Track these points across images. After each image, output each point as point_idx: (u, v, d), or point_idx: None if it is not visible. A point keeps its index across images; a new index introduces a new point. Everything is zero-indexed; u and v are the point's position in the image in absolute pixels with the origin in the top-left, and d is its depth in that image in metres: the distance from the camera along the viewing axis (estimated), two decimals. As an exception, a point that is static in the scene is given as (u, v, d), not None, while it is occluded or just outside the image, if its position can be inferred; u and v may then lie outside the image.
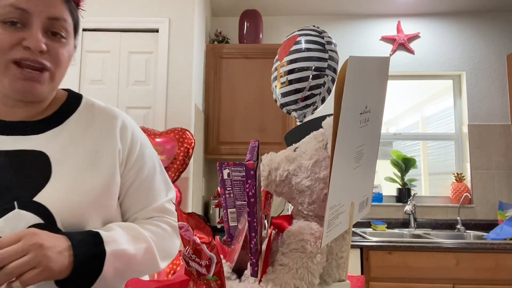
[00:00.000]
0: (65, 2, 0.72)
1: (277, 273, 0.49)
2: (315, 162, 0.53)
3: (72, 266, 0.63)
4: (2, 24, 0.66)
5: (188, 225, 0.46)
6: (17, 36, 0.66)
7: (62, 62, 0.72)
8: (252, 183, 0.46)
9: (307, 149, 0.55)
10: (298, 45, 1.15)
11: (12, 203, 0.66)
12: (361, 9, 3.12)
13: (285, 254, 0.50)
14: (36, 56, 0.67)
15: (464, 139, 3.08)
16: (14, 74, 0.68)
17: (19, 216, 0.66)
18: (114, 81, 2.49)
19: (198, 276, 0.46)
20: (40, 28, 0.68)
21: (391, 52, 3.15)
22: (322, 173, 0.52)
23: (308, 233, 0.51)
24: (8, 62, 0.67)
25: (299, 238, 0.50)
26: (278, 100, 1.16)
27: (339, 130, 0.43)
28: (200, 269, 0.45)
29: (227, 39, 3.03)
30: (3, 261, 0.56)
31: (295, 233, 0.51)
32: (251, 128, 2.75)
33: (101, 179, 0.74)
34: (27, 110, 0.74)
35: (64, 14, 0.71)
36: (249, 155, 0.48)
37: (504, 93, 3.06)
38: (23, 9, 0.66)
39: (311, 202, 0.54)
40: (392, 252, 2.22)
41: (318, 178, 0.53)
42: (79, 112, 0.79)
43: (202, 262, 0.45)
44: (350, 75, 0.42)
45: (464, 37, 3.14)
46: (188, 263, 0.47)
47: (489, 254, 2.19)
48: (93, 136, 0.77)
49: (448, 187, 3.03)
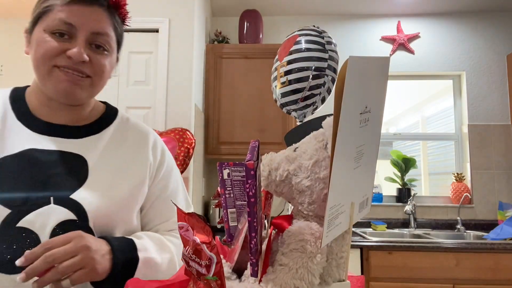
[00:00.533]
0: (109, 18, 0.78)
1: (277, 273, 0.49)
2: (315, 162, 0.53)
3: (110, 269, 0.68)
4: (51, 34, 0.73)
5: (188, 225, 0.46)
6: (63, 46, 0.73)
7: (103, 72, 0.78)
8: (252, 183, 0.46)
9: (307, 149, 0.55)
10: (298, 45, 1.14)
11: (48, 198, 0.71)
12: (361, 9, 3.12)
13: (285, 254, 0.50)
14: (77, 65, 0.74)
15: (464, 139, 3.08)
16: (58, 76, 0.74)
17: (51, 211, 0.70)
18: (114, 81, 2.49)
19: (198, 276, 0.46)
20: (84, 41, 0.74)
21: (391, 52, 3.15)
22: (322, 173, 0.52)
23: (308, 233, 0.50)
24: (51, 67, 0.74)
25: (299, 238, 0.50)
26: (278, 100, 1.16)
27: (339, 130, 0.43)
28: (200, 269, 0.45)
29: (227, 39, 3.03)
30: (56, 260, 0.61)
31: (295, 233, 0.51)
32: (251, 128, 2.75)
33: (132, 187, 0.80)
34: (69, 114, 0.81)
35: (108, 30, 0.77)
36: (249, 155, 0.48)
37: (504, 93, 3.06)
38: (70, 24, 0.73)
39: (311, 202, 0.54)
40: (392, 252, 2.22)
41: (318, 178, 0.53)
42: (115, 124, 0.87)
43: (202, 262, 0.45)
44: (350, 75, 0.42)
45: (464, 37, 3.14)
46: (188, 263, 0.47)
47: (489, 254, 2.19)
48: (127, 148, 0.84)
49: (448, 187, 3.03)
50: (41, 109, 0.80)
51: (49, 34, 0.73)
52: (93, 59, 0.76)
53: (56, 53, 0.73)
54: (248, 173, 0.46)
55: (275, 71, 1.16)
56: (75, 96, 0.76)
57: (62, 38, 0.73)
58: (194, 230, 0.46)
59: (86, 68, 0.75)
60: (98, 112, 0.87)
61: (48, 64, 0.73)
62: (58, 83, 0.74)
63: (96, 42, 0.76)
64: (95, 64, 0.76)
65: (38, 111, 0.80)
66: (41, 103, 0.80)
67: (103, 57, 0.78)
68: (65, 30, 0.73)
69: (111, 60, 0.80)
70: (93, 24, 0.75)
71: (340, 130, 0.44)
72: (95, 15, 0.75)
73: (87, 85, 0.77)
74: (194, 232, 0.46)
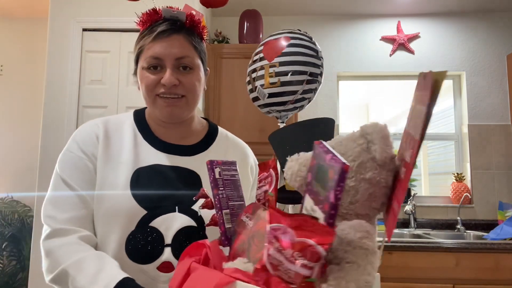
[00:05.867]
0: (188, 41, 0.90)
1: (347, 271, 0.52)
2: (360, 163, 0.56)
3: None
4: (147, 69, 0.89)
5: (286, 226, 0.47)
6: (158, 76, 0.88)
7: (194, 89, 0.91)
8: (343, 186, 0.47)
9: (347, 151, 0.57)
10: (293, 48, 1.11)
11: (174, 207, 0.86)
12: (361, 9, 3.12)
13: (348, 252, 0.52)
14: (171, 89, 0.87)
15: (464, 139, 3.08)
16: (160, 103, 0.89)
17: (175, 218, 0.85)
18: (114, 81, 2.49)
19: (293, 280, 0.45)
20: (171, 68, 0.88)
21: (391, 52, 3.16)
22: (368, 174, 0.55)
23: (364, 230, 0.54)
24: (154, 97, 0.89)
25: (358, 236, 0.53)
26: (261, 98, 1.11)
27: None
28: (302, 271, 0.45)
29: (227, 39, 3.03)
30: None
31: (353, 231, 0.54)
32: (251, 128, 2.75)
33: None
34: (177, 132, 0.96)
35: (189, 52, 0.90)
36: (334, 156, 0.49)
37: (504, 93, 3.06)
38: (158, 58, 0.87)
39: (353, 202, 0.56)
40: (392, 252, 2.22)
41: (364, 179, 0.55)
42: (217, 141, 1.01)
43: (310, 264, 0.45)
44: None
45: (464, 37, 3.14)
46: (276, 266, 0.46)
47: (489, 254, 2.19)
48: None
49: (448, 187, 3.03)
50: (158, 129, 0.95)
51: (146, 70, 0.89)
52: (183, 80, 0.88)
53: (154, 84, 0.88)
54: (342, 175, 0.46)
55: (261, 70, 1.12)
56: (177, 115, 0.91)
57: (155, 70, 0.88)
58: (296, 231, 0.46)
59: (179, 90, 0.88)
60: (203, 128, 1.01)
61: (151, 95, 0.89)
62: (162, 108, 0.89)
63: (182, 65, 0.89)
64: (185, 84, 0.89)
65: (156, 132, 0.95)
66: (157, 124, 0.96)
67: (190, 75, 0.90)
68: (155, 63, 0.88)
69: (198, 76, 0.92)
70: (175, 51, 0.88)
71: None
72: (176, 43, 0.88)
73: (184, 104, 0.90)
74: (298, 233, 0.46)
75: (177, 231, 0.84)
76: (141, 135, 0.94)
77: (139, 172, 0.88)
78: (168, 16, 0.91)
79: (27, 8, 3.22)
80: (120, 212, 0.84)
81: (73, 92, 2.51)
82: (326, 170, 0.49)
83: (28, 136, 3.24)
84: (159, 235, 0.84)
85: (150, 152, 0.91)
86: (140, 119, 0.98)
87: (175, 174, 0.90)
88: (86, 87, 2.54)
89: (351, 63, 3.18)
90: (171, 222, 0.85)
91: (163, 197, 0.86)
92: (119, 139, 0.92)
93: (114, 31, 2.54)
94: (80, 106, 2.54)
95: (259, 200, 0.72)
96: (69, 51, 2.53)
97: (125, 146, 0.91)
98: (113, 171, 0.88)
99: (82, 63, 2.55)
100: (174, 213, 0.85)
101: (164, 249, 0.84)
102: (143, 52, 0.90)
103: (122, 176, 0.87)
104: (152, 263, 0.83)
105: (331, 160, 0.48)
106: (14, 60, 3.36)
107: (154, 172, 0.88)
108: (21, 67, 3.35)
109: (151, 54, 0.88)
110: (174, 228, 0.84)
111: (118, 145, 0.91)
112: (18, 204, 3.20)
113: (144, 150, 0.92)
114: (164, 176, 0.89)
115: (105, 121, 0.96)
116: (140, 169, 0.88)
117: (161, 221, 0.84)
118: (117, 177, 0.87)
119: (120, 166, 0.88)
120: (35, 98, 3.14)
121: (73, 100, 2.51)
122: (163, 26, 0.89)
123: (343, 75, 3.25)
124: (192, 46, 0.91)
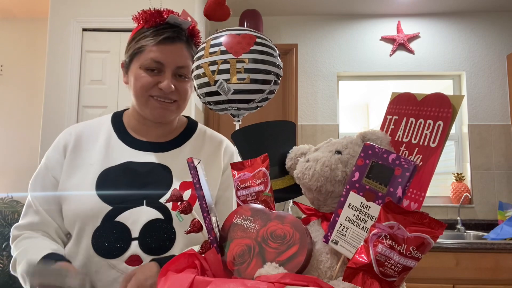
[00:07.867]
0: (188, 50, 0.95)
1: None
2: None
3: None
4: (145, 70, 0.92)
5: (398, 223, 0.50)
6: (155, 79, 0.91)
7: (186, 96, 0.97)
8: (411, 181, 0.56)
9: (357, 154, 0.62)
10: (261, 47, 1.10)
11: (142, 201, 0.88)
12: (361, 9, 3.12)
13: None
14: (167, 94, 0.92)
15: (464, 139, 3.08)
16: (153, 104, 0.93)
17: (142, 212, 0.87)
18: (114, 81, 2.49)
19: (395, 273, 0.48)
20: (170, 74, 0.92)
21: (391, 52, 3.16)
22: None
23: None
24: (148, 97, 0.93)
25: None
26: (223, 93, 1.07)
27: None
28: (411, 263, 0.48)
29: (227, 39, 3.02)
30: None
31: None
32: (251, 128, 2.75)
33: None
34: (159, 130, 1.00)
35: (187, 62, 0.94)
36: (402, 157, 0.56)
37: (504, 93, 3.06)
38: (159, 62, 0.91)
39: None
40: (392, 252, 2.22)
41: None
42: (194, 137, 1.03)
43: (420, 255, 0.48)
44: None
45: (464, 37, 3.14)
46: (383, 263, 0.48)
47: (489, 254, 2.19)
48: (204, 157, 0.98)
49: (448, 187, 3.03)
50: (138, 127, 0.99)
51: (144, 70, 0.92)
52: (178, 87, 0.93)
53: (151, 86, 0.91)
54: (413, 173, 0.54)
55: (224, 63, 1.07)
56: (166, 118, 0.96)
57: (153, 72, 0.91)
58: (408, 227, 0.49)
59: (173, 95, 0.93)
60: (181, 126, 1.05)
61: (145, 95, 0.92)
62: (154, 109, 0.93)
63: (179, 73, 0.94)
64: (180, 91, 0.94)
65: (133, 131, 0.99)
66: (139, 122, 0.99)
67: (185, 83, 0.95)
68: (155, 67, 0.91)
69: (191, 84, 0.96)
70: (177, 59, 0.92)
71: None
72: (178, 51, 0.93)
73: (175, 108, 0.96)
74: (412, 228, 0.49)
75: (144, 224, 0.86)
76: (117, 136, 0.98)
77: (108, 171, 0.92)
78: (173, 22, 0.93)
79: (27, 8, 3.22)
80: (85, 211, 0.88)
81: (73, 92, 2.51)
82: (389, 169, 0.55)
83: (28, 136, 3.24)
84: (125, 229, 0.86)
85: (124, 150, 0.95)
86: (116, 121, 1.02)
87: (146, 169, 0.93)
88: (86, 87, 2.54)
89: (351, 63, 3.18)
90: (138, 216, 0.87)
91: (129, 193, 0.89)
92: (92, 142, 0.97)
93: (114, 31, 2.54)
94: (80, 106, 2.54)
95: (245, 201, 0.68)
96: (69, 51, 2.53)
97: (96, 148, 0.96)
98: (81, 174, 0.92)
99: (82, 63, 2.55)
100: (141, 207, 0.88)
101: (131, 242, 0.86)
102: (144, 52, 0.92)
103: (88, 177, 0.91)
104: (120, 257, 0.85)
105: (398, 160, 0.54)
106: (14, 60, 3.36)
107: (124, 169, 0.92)
108: (21, 67, 3.35)
109: (153, 57, 0.91)
110: (141, 222, 0.86)
111: (90, 149, 0.96)
112: (18, 204, 3.19)
113: (118, 149, 0.96)
114: (134, 172, 0.92)
115: (80, 128, 1.02)
116: (110, 168, 0.92)
117: (128, 215, 0.87)
118: (84, 179, 0.91)
119: (89, 168, 0.93)
120: (35, 98, 3.14)
121: (73, 100, 2.51)
122: (169, 33, 0.92)
123: (343, 75, 3.25)
124: (190, 56, 0.95)
